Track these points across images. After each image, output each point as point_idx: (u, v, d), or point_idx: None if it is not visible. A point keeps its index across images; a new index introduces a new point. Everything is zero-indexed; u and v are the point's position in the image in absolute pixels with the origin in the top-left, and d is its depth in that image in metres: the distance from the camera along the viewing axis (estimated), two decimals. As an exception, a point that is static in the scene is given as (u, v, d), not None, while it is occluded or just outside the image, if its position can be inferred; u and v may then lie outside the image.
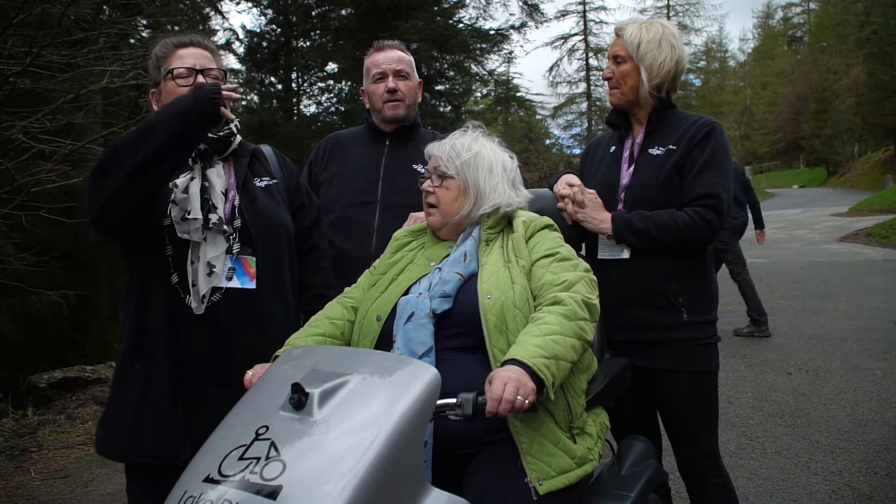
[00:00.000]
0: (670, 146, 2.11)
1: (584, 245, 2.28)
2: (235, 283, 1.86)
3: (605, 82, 2.22)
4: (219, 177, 1.91)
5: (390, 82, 2.47)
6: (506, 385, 1.38)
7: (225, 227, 1.84)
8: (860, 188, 30.93)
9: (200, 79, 1.89)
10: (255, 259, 1.89)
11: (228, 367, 1.80)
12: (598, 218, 2.11)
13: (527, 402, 1.38)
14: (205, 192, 1.86)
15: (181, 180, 1.83)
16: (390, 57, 2.51)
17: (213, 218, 1.82)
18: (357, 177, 2.50)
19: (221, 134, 1.93)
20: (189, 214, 1.80)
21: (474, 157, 1.84)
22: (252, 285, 1.88)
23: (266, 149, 2.16)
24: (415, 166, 2.45)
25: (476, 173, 1.83)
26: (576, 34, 41.11)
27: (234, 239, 1.87)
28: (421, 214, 2.05)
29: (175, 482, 1.29)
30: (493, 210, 1.84)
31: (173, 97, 1.83)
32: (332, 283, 2.13)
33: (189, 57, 1.91)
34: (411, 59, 2.57)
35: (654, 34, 2.11)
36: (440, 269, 1.76)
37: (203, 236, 1.82)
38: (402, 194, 2.40)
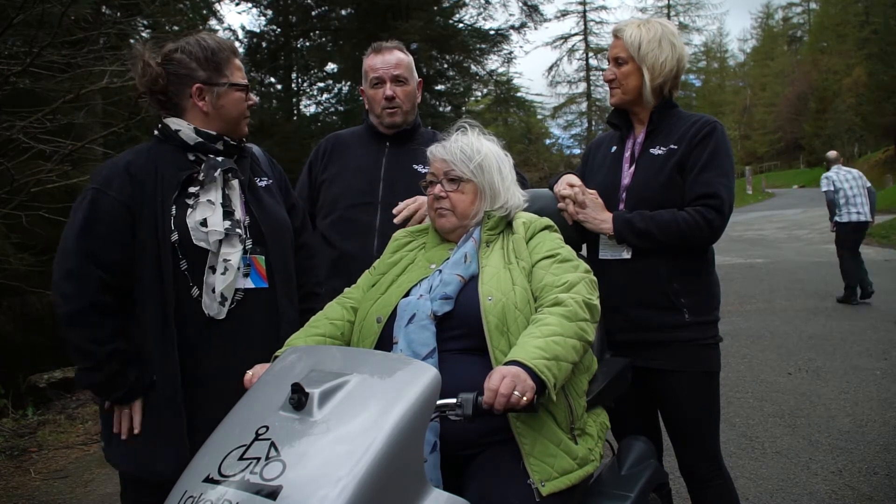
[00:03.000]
0: (671, 146, 2.11)
1: (584, 245, 2.28)
2: (249, 284, 1.87)
3: (607, 83, 2.21)
4: (236, 181, 1.92)
5: (388, 89, 2.45)
6: (504, 378, 1.38)
7: (237, 230, 1.84)
8: (860, 188, 30.88)
9: (253, 95, 1.98)
10: (264, 258, 1.91)
11: (247, 367, 1.80)
12: (600, 218, 2.11)
13: (524, 398, 1.38)
14: (225, 200, 1.87)
15: (202, 200, 1.83)
16: (388, 61, 2.47)
17: (226, 224, 1.82)
18: (358, 177, 2.49)
19: (238, 141, 1.96)
20: (205, 226, 1.80)
21: (485, 158, 1.84)
22: (264, 284, 1.89)
23: (256, 149, 2.16)
24: (415, 166, 2.44)
25: (491, 175, 1.84)
26: (576, 34, 41.18)
27: (247, 237, 1.88)
28: (414, 204, 2.09)
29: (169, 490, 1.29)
30: (500, 210, 1.85)
31: (238, 107, 1.92)
32: (322, 281, 2.16)
33: (242, 70, 1.97)
34: (410, 60, 2.55)
35: (654, 34, 2.10)
36: (440, 271, 1.75)
37: (219, 246, 1.82)
38: (403, 195, 2.39)
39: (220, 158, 1.90)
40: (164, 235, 1.79)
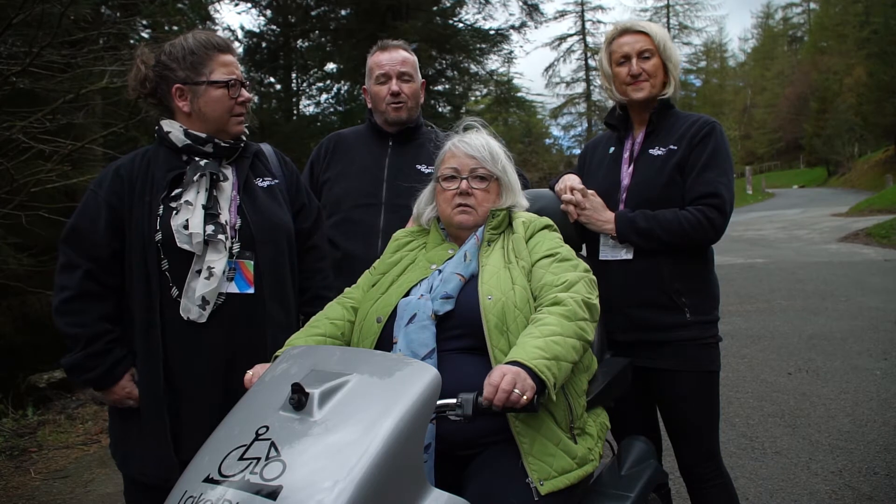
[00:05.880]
0: (671, 146, 2.11)
1: (584, 245, 2.28)
2: (233, 288, 1.85)
3: (629, 79, 2.13)
4: (227, 182, 1.91)
5: (394, 85, 2.46)
6: (504, 376, 1.39)
7: (220, 236, 1.83)
8: (860, 188, 30.92)
9: (245, 92, 1.92)
10: (252, 263, 1.89)
11: (230, 371, 1.80)
12: (602, 219, 2.11)
13: (524, 397, 1.38)
14: (210, 202, 1.85)
15: (182, 201, 1.83)
16: (395, 58, 2.49)
17: (209, 230, 1.81)
18: (361, 177, 2.49)
19: (233, 141, 1.94)
20: (187, 229, 1.80)
21: (504, 156, 1.88)
22: (250, 290, 1.87)
23: (267, 148, 2.14)
24: (418, 166, 2.44)
25: (511, 175, 1.89)
26: (574, 34, 41.17)
27: (234, 239, 1.87)
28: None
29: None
30: (505, 209, 1.86)
31: (220, 106, 1.87)
32: (332, 285, 2.12)
33: (232, 66, 1.91)
34: (415, 59, 2.56)
35: (666, 34, 2.15)
36: (440, 270, 1.75)
37: (203, 249, 1.81)
38: (406, 195, 2.38)
39: (202, 161, 1.89)
40: (149, 235, 1.81)
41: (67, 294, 1.81)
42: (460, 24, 14.30)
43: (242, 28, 15.91)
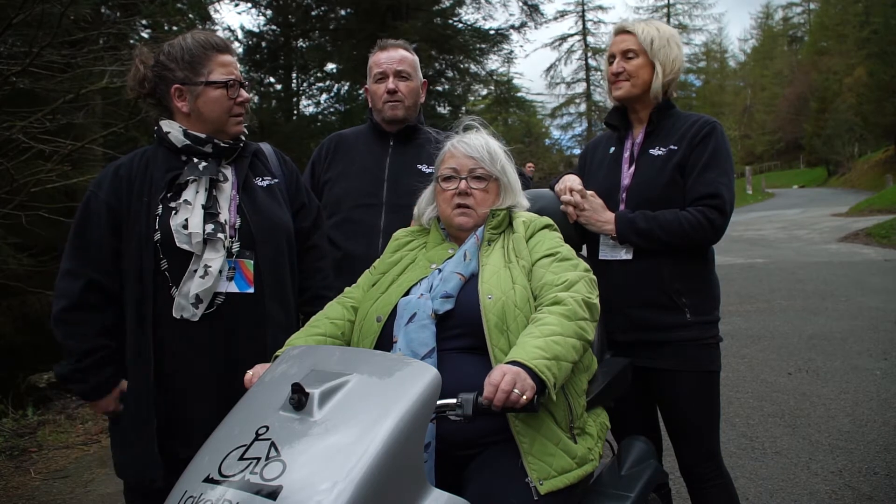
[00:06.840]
0: (671, 146, 2.11)
1: (584, 245, 2.29)
2: (234, 288, 1.85)
3: (611, 77, 2.18)
4: (226, 182, 1.91)
5: (390, 83, 2.46)
6: (504, 375, 1.39)
7: (220, 235, 1.82)
8: (860, 188, 30.90)
9: (243, 92, 1.92)
10: (252, 262, 1.88)
11: (230, 371, 1.80)
12: (602, 219, 2.11)
13: (524, 396, 1.38)
14: (210, 201, 1.85)
15: (180, 200, 1.83)
16: (392, 57, 2.50)
17: (209, 228, 1.81)
18: (362, 177, 2.49)
19: (232, 141, 1.94)
20: (186, 229, 1.80)
21: (504, 156, 1.89)
22: (250, 290, 1.87)
23: (266, 147, 2.14)
24: (419, 166, 2.44)
25: (510, 175, 1.89)
26: (574, 34, 41.20)
27: (233, 239, 1.87)
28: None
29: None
30: (506, 209, 1.86)
31: (219, 106, 1.87)
32: (332, 284, 2.12)
33: (231, 66, 1.90)
34: (415, 58, 2.56)
35: (663, 32, 2.14)
36: (440, 269, 1.76)
37: (202, 249, 1.81)
38: (407, 195, 2.38)
39: (201, 165, 1.88)
40: (147, 234, 1.81)
41: (67, 303, 1.80)
42: (460, 25, 14.33)
43: (242, 28, 15.95)
